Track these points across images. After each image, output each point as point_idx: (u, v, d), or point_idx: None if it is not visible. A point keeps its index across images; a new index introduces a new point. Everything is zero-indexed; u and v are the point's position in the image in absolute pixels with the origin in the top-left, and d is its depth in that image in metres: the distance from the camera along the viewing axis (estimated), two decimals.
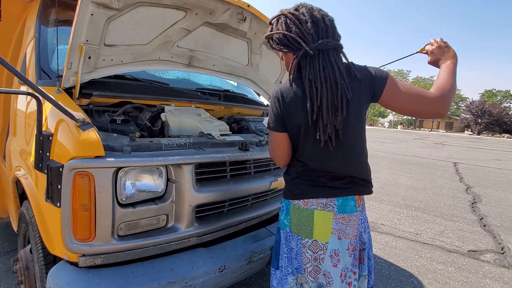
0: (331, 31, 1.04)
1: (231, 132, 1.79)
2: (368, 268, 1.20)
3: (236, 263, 1.35)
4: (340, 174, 1.08)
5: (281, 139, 1.13)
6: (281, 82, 2.28)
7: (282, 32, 1.05)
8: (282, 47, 1.08)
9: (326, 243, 1.07)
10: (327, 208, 1.07)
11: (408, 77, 55.06)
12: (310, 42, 1.02)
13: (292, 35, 1.03)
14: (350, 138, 1.05)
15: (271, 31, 1.11)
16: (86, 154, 1.06)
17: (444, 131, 46.09)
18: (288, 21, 1.04)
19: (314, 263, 1.08)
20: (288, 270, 1.16)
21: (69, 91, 1.37)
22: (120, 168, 1.11)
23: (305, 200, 1.09)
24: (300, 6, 1.07)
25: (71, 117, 1.10)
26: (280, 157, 1.17)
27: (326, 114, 0.99)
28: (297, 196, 1.11)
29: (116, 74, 1.60)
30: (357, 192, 1.11)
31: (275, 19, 1.10)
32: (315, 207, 1.08)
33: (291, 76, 1.06)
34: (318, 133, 1.01)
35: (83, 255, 1.09)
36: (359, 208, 1.12)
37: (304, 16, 1.03)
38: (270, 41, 1.11)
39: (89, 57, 1.37)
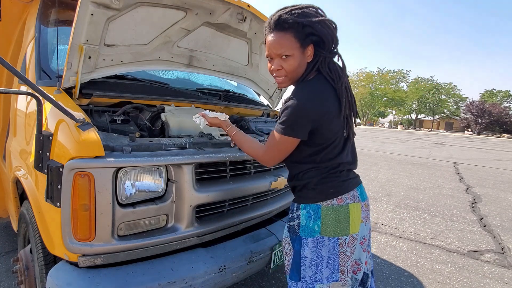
0: None
1: None
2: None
3: (236, 263, 1.35)
4: (351, 166, 1.17)
5: (293, 145, 1.07)
6: None
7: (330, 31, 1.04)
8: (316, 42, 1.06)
9: (357, 233, 1.11)
10: (356, 199, 1.13)
11: (408, 77, 54.97)
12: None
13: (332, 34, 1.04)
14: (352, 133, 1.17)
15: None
16: (86, 154, 1.06)
17: (444, 131, 46.09)
18: (326, 22, 1.02)
19: (351, 258, 1.11)
20: (316, 278, 1.08)
21: (69, 91, 1.37)
22: (120, 168, 1.11)
23: (339, 197, 1.09)
24: (315, 8, 1.06)
25: (71, 117, 1.10)
26: (277, 160, 1.12)
27: (354, 112, 1.12)
28: (332, 195, 1.09)
29: (116, 74, 1.60)
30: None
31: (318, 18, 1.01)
32: (348, 201, 1.10)
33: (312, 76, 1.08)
34: (345, 130, 1.10)
35: (83, 255, 1.09)
36: None
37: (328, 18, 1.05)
38: (312, 31, 1.01)
39: (89, 57, 1.37)
